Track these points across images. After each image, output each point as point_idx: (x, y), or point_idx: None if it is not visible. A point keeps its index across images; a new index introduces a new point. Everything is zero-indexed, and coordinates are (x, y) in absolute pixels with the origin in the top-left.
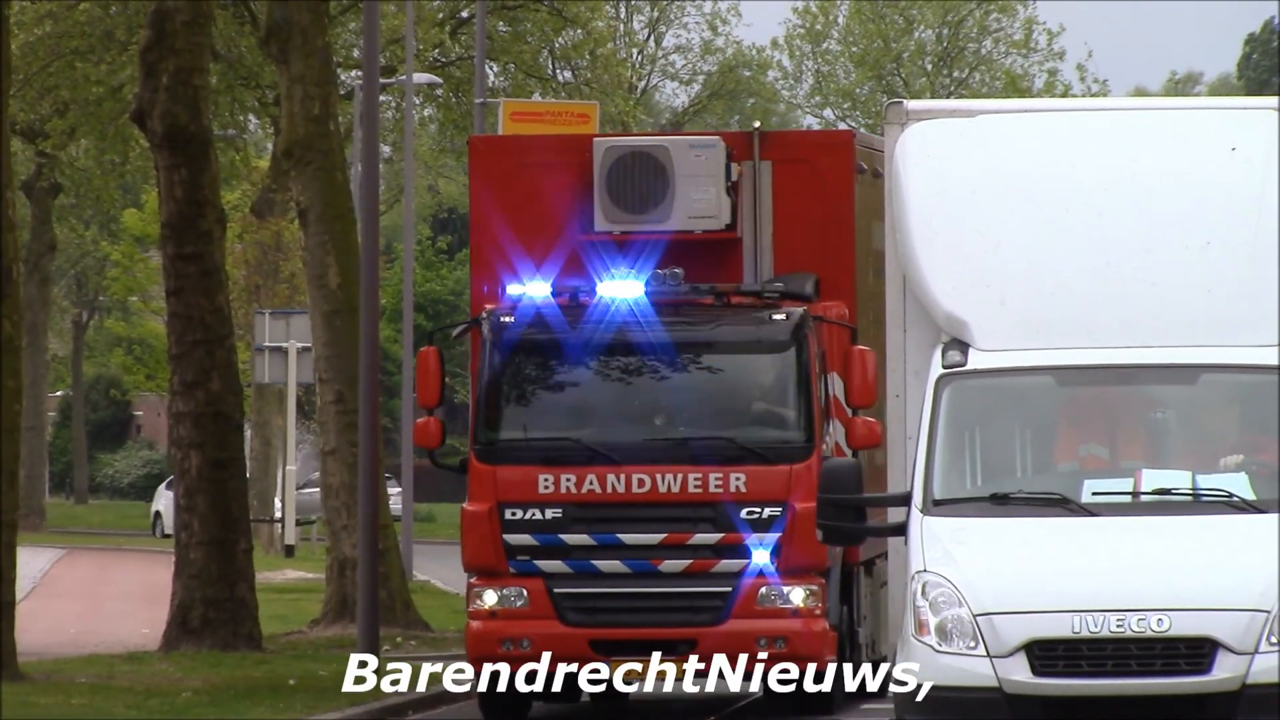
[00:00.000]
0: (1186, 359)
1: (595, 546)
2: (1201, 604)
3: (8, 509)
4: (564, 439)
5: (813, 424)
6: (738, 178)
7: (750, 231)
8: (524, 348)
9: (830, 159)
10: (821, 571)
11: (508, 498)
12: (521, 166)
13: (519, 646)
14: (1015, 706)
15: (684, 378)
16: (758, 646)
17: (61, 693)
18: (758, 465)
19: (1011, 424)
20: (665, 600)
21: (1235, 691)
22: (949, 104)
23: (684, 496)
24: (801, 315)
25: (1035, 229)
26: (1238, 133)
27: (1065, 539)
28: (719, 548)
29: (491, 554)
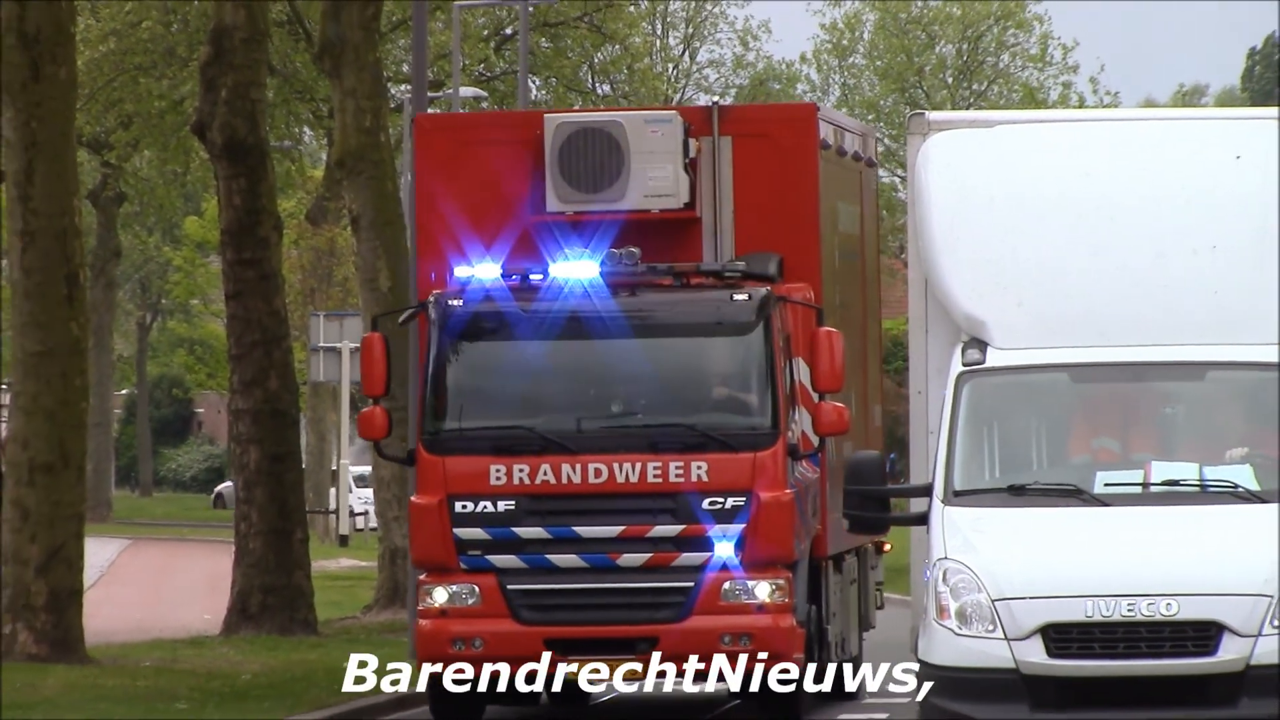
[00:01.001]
0: (1194, 357)
1: (550, 540)
2: (1208, 590)
3: (76, 501)
4: (516, 427)
5: (777, 410)
6: (696, 154)
7: (710, 210)
8: (473, 332)
9: (792, 134)
10: (788, 565)
11: (458, 490)
12: (469, 145)
13: (471, 646)
14: (1031, 687)
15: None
16: (722, 644)
17: (128, 675)
18: (720, 453)
19: (1028, 419)
20: (624, 596)
21: (1240, 672)
22: (969, 115)
23: (643, 487)
24: (764, 296)
25: (1051, 234)
26: (1242, 142)
27: (1079, 528)
28: (680, 540)
29: (441, 549)
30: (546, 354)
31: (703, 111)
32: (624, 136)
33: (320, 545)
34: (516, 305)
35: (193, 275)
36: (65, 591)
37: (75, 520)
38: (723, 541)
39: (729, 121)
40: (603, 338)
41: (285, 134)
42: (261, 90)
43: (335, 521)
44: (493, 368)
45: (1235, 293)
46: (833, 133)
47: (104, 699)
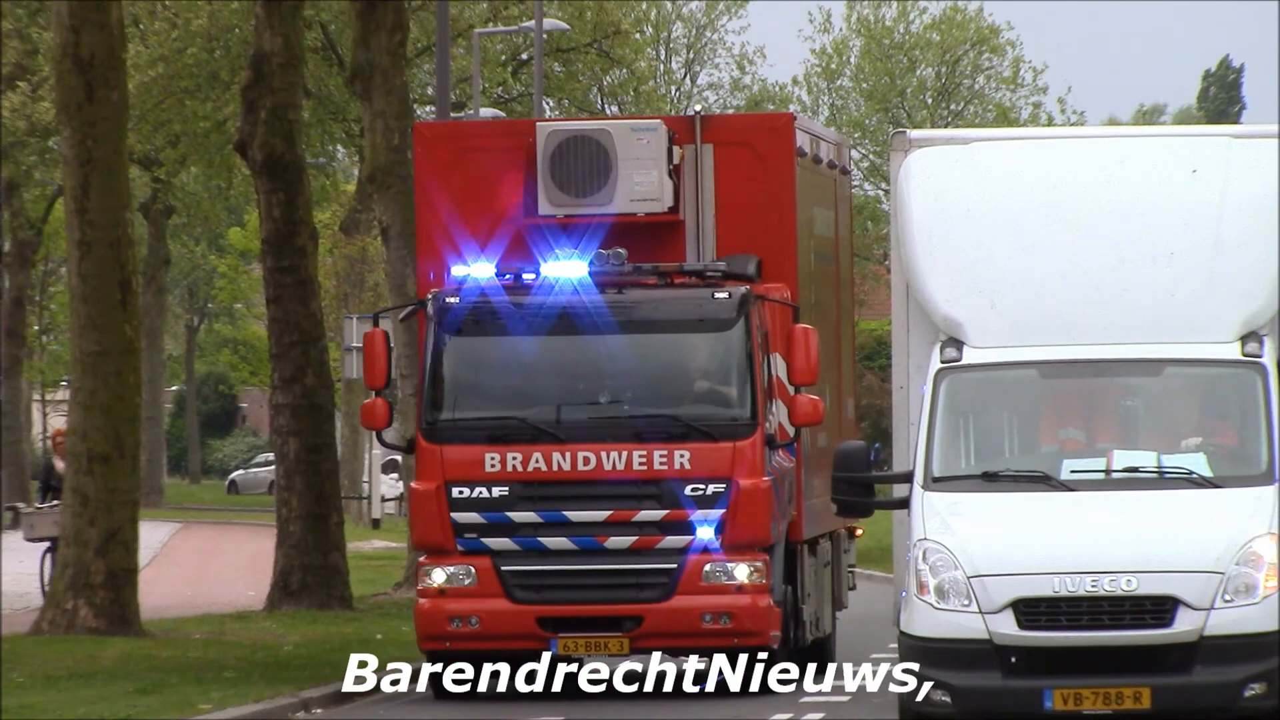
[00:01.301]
0: (1152, 354)
1: (542, 524)
2: (1165, 567)
3: (131, 488)
4: (509, 418)
5: (756, 402)
6: (680, 161)
7: (693, 213)
8: (469, 328)
9: (771, 142)
10: (766, 548)
11: (455, 476)
12: (466, 151)
13: (468, 624)
14: (1003, 656)
15: (628, 357)
16: (703, 623)
17: (179, 647)
18: (701, 443)
19: (1000, 411)
20: (611, 577)
21: (1194, 643)
22: (946, 133)
23: (628, 474)
24: (744, 295)
25: (1022, 242)
26: (1197, 157)
27: (1047, 511)
28: (664, 524)
29: (439, 533)
30: (538, 349)
31: (686, 120)
32: (612, 144)
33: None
34: (510, 303)
35: (236, 281)
36: (121, 570)
37: (130, 505)
38: (704, 526)
39: (711, 130)
40: (591, 333)
41: (320, 151)
42: (298, 111)
43: (368, 506)
44: (487, 361)
45: (1190, 296)
46: (809, 142)
47: (157, 669)
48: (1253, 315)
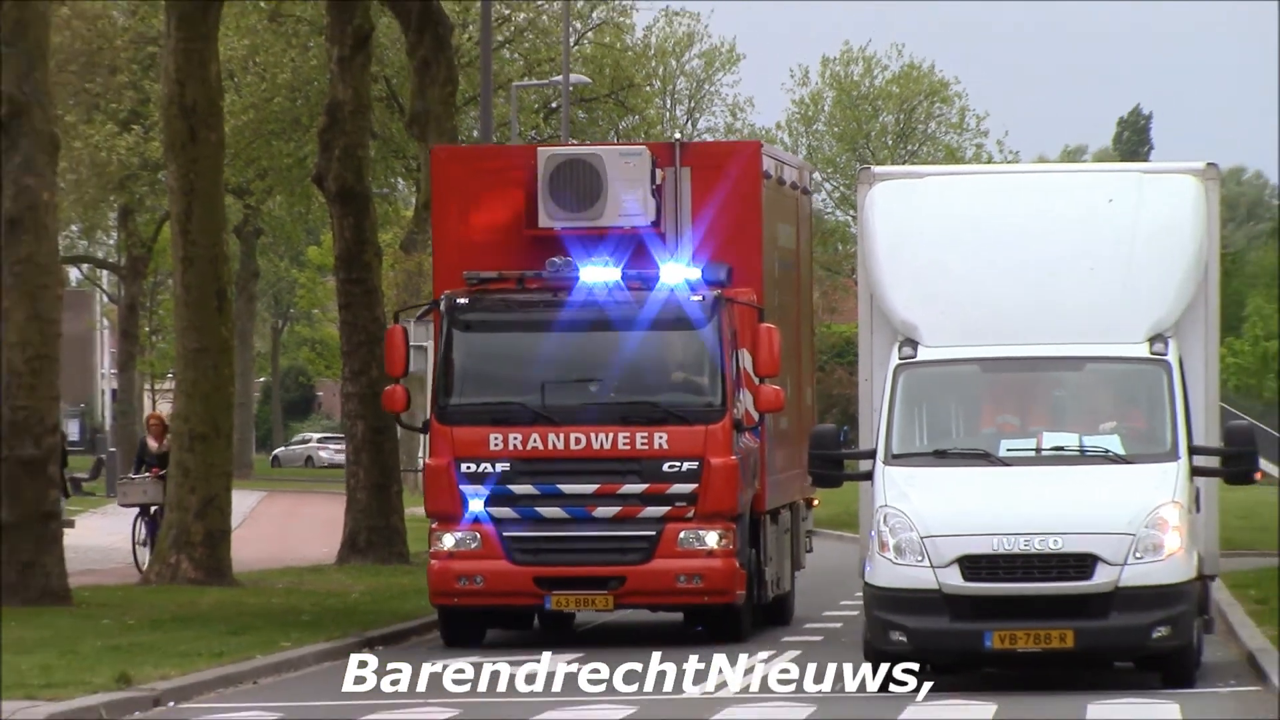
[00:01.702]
0: (1077, 353)
1: (538, 495)
2: (1086, 529)
3: (225, 463)
4: (511, 403)
5: (725, 391)
6: (661, 181)
7: (672, 227)
8: (476, 325)
9: (740, 166)
10: (733, 518)
11: (463, 454)
12: (477, 172)
13: (473, 582)
14: (950, 603)
15: (614, 350)
16: (678, 583)
17: (264, 595)
18: (678, 426)
19: (948, 400)
20: (599, 542)
21: (1110, 592)
22: (904, 169)
23: (614, 452)
24: (716, 298)
25: (967, 259)
26: (1114, 189)
27: (987, 483)
28: (645, 496)
29: (449, 502)
30: (536, 343)
31: (668, 147)
32: (603, 166)
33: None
34: (511, 304)
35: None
36: (217, 531)
37: (224, 477)
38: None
39: (688, 155)
40: (582, 330)
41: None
42: (366, 150)
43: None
44: (492, 353)
45: (1108, 304)
46: (774, 166)
47: (246, 613)
48: (1159, 320)
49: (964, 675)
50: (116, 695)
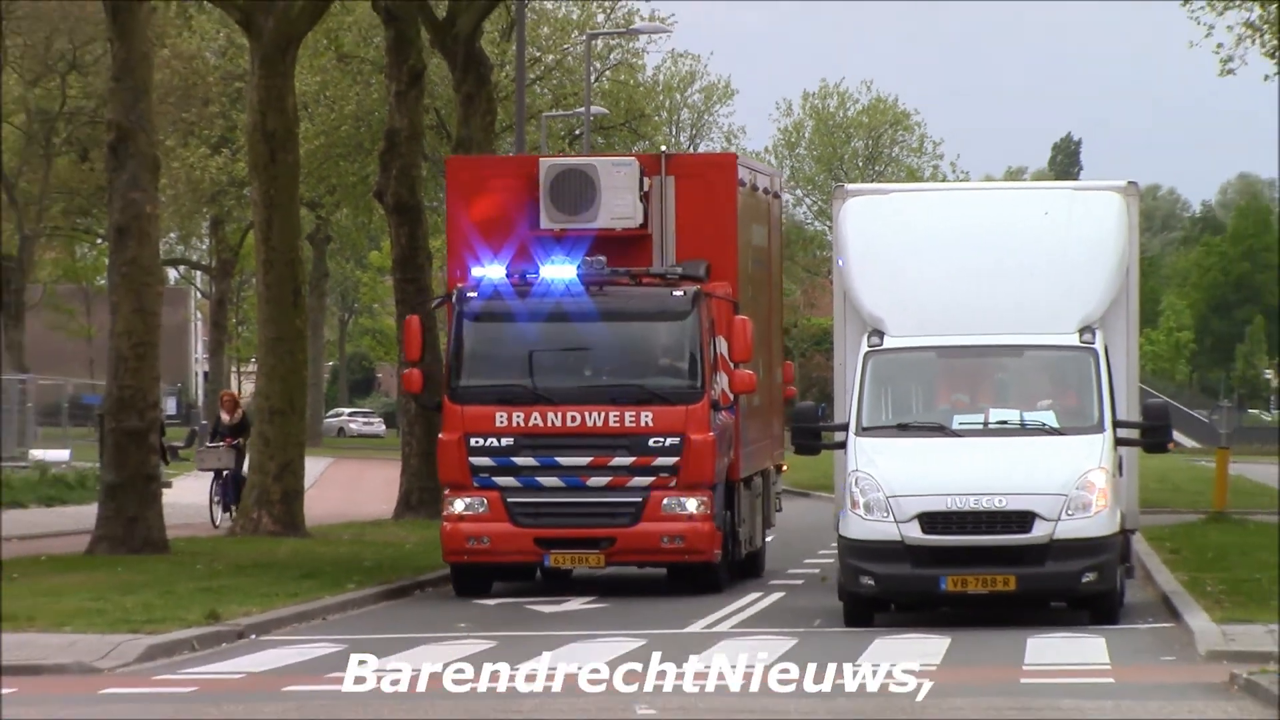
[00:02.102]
0: (1018, 341)
1: (538, 467)
2: (1026, 490)
3: (299, 433)
4: (515, 385)
5: (703, 375)
6: (649, 188)
7: (658, 229)
8: (484, 316)
9: (719, 175)
10: (710, 486)
11: (472, 430)
12: (485, 179)
13: (480, 542)
14: (911, 553)
15: (606, 339)
16: (661, 543)
17: (332, 544)
18: (662, 406)
19: (909, 381)
20: (592, 508)
21: (1046, 544)
22: (872, 186)
23: (605, 429)
24: (696, 292)
25: (925, 262)
26: (1049, 204)
27: (942, 451)
28: (632, 468)
29: (460, 472)
30: (537, 332)
31: (654, 158)
32: (596, 175)
33: None
34: (516, 296)
35: (374, 289)
36: (292, 491)
37: (298, 446)
38: (664, 471)
39: (673, 165)
40: (578, 321)
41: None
42: (419, 170)
43: None
44: (498, 341)
45: (1044, 301)
46: (748, 174)
47: (316, 560)
48: (1088, 314)
49: (922, 614)
50: (206, 629)
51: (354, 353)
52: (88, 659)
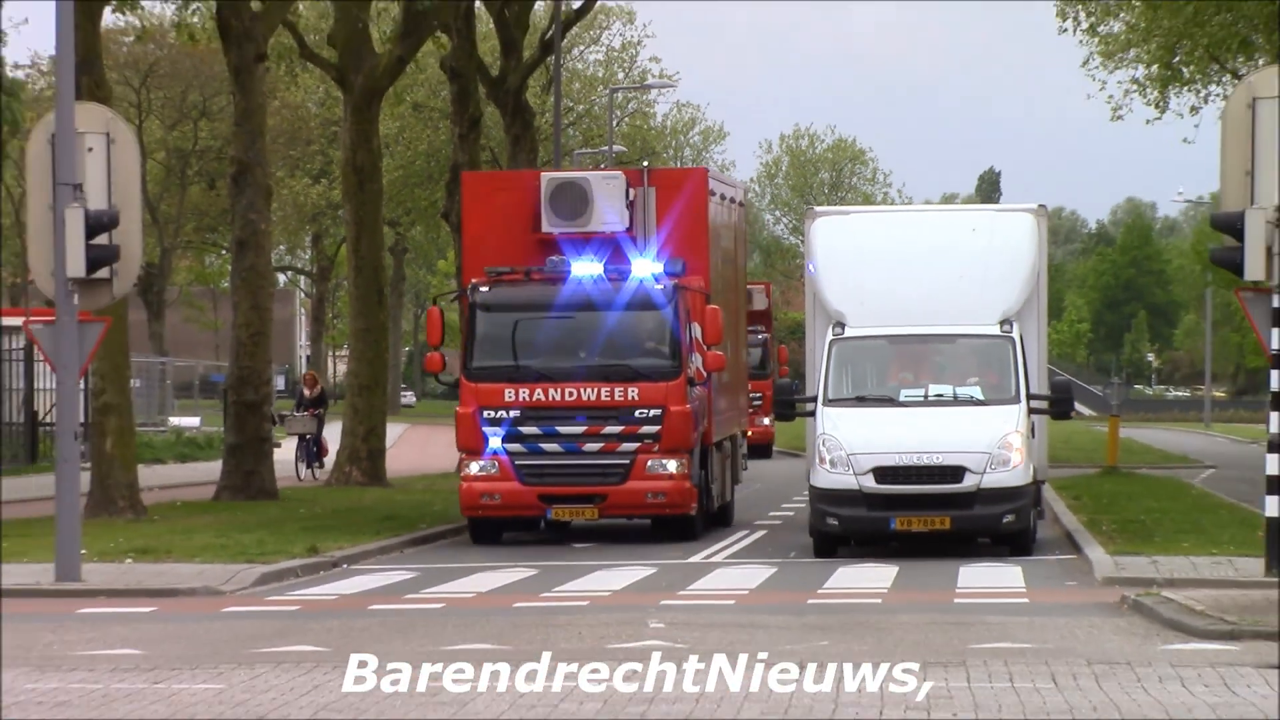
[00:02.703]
0: (952, 332)
1: (541, 434)
2: (957, 449)
3: (382, 404)
4: (520, 365)
5: (681, 356)
6: (634, 197)
7: (641, 232)
8: (494, 306)
9: (692, 186)
10: (687, 450)
11: (485, 403)
12: (495, 190)
13: (492, 499)
14: (867, 499)
15: (598, 325)
16: (646, 499)
17: (408, 493)
18: (645, 382)
19: (866, 363)
20: (586, 469)
21: (974, 492)
22: (836, 209)
23: (598, 403)
24: (674, 285)
25: (877, 269)
26: (975, 222)
27: (891, 418)
28: (621, 435)
29: (475, 439)
30: (539, 320)
31: (638, 172)
32: (590, 186)
33: None
34: (521, 290)
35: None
36: (376, 450)
37: (381, 414)
38: (648, 437)
39: (654, 178)
40: (575, 310)
41: None
42: None
43: None
44: (506, 328)
45: (973, 300)
46: (717, 185)
47: (396, 506)
48: (1006, 310)
49: (876, 547)
50: (308, 560)
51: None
52: (213, 584)
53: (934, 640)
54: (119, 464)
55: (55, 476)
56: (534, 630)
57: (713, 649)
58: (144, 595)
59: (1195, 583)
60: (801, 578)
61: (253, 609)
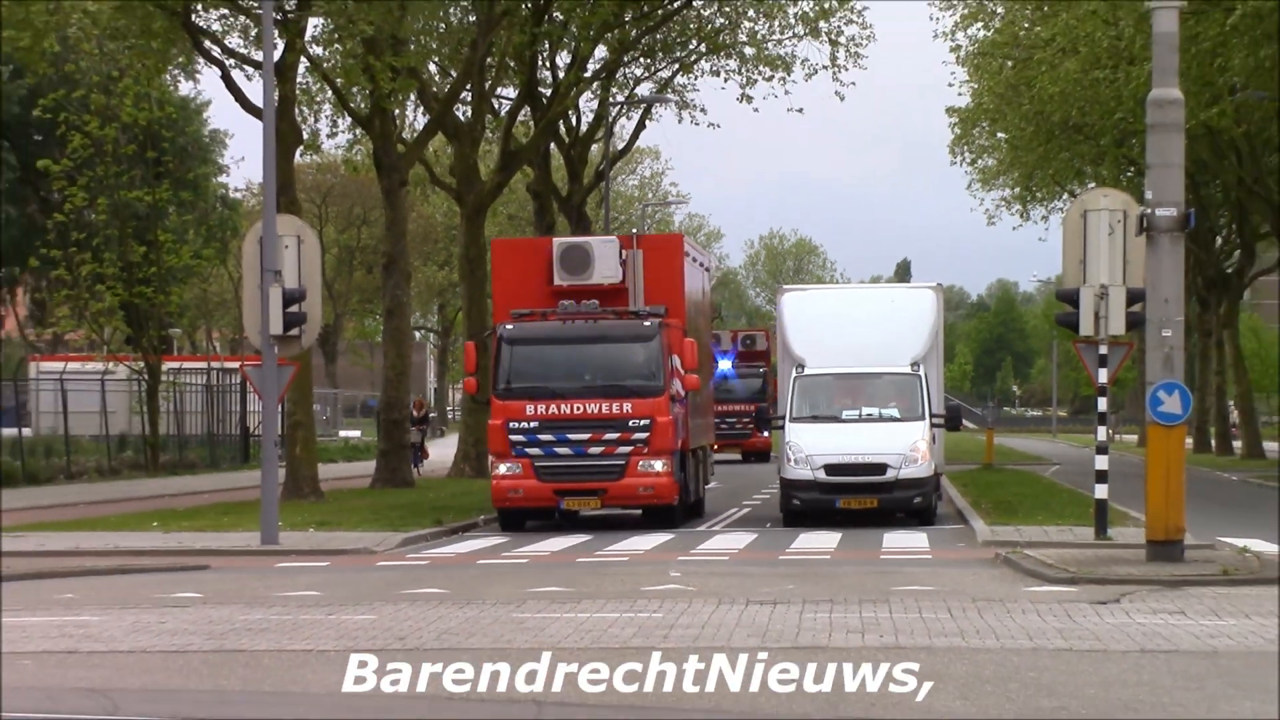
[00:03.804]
0: (878, 370)
1: (555, 441)
2: (882, 451)
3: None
4: (539, 386)
5: (665, 378)
6: (626, 257)
7: (632, 284)
8: (518, 341)
9: (671, 249)
10: (671, 453)
11: (511, 417)
12: (518, 252)
13: (516, 493)
14: (819, 486)
15: (600, 355)
16: (639, 492)
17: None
18: (637, 399)
19: (819, 392)
20: (591, 469)
21: (894, 481)
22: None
23: (600, 416)
24: (659, 323)
25: (826, 327)
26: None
27: (837, 430)
28: (618, 441)
29: (503, 445)
30: (554, 351)
31: (629, 237)
32: (591, 248)
33: None
34: (539, 327)
35: None
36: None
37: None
38: (639, 443)
39: (641, 242)
40: (580, 343)
41: None
42: None
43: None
44: (527, 358)
45: (892, 349)
46: (691, 249)
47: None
48: (915, 356)
49: (825, 520)
50: (434, 529)
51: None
52: (369, 546)
53: (866, 584)
54: (305, 463)
55: (260, 472)
56: (590, 576)
57: (714, 591)
58: (321, 554)
59: (1046, 544)
60: (774, 541)
61: (396, 563)
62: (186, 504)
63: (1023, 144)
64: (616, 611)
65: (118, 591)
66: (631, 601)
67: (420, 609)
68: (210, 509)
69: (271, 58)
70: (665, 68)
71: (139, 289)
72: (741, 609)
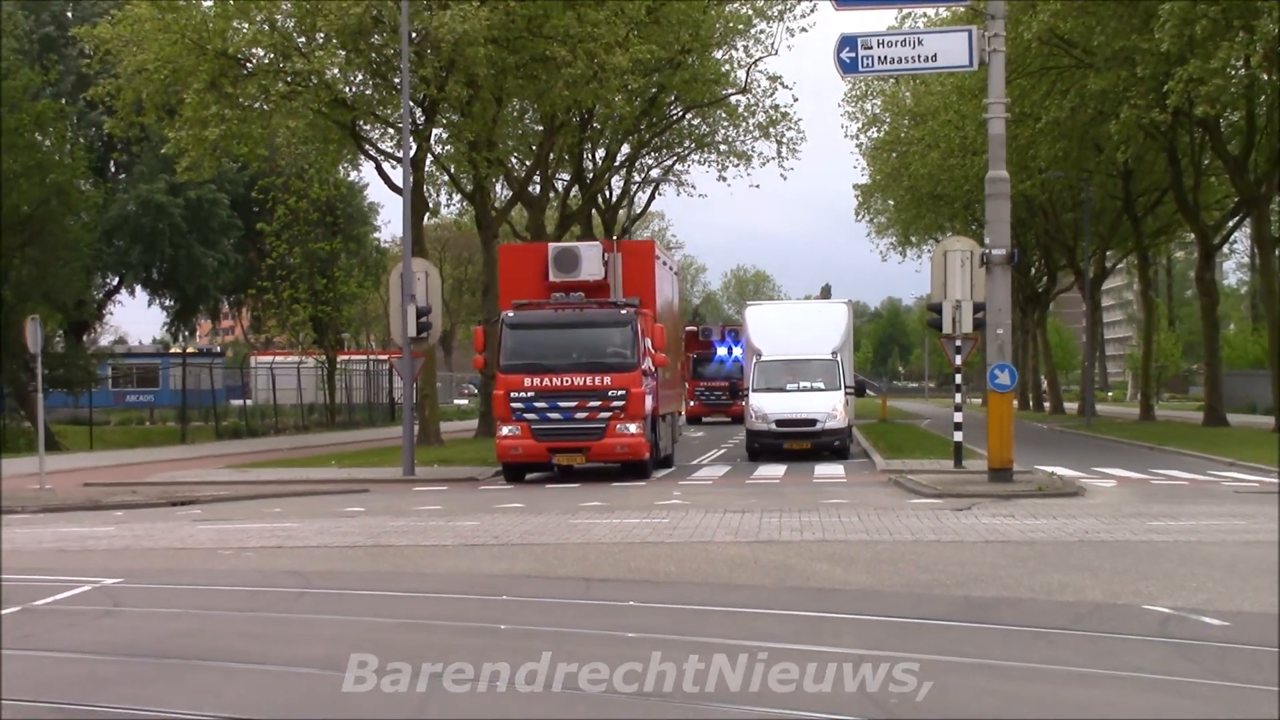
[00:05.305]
0: (809, 356)
1: (548, 408)
2: (813, 410)
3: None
4: (535, 363)
5: (639, 355)
6: (607, 259)
7: (612, 280)
8: (519, 326)
9: (645, 253)
10: (643, 418)
11: (512, 388)
12: (520, 254)
13: (517, 451)
14: (773, 435)
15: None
16: (616, 450)
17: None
18: (615, 373)
19: (771, 372)
20: (577, 430)
21: (821, 430)
22: (757, 303)
23: (585, 387)
24: (635, 311)
25: (776, 328)
26: (820, 308)
27: (783, 397)
28: (599, 408)
29: (505, 411)
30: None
31: (609, 242)
32: (579, 252)
33: None
34: (536, 314)
35: None
36: None
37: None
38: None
39: (620, 247)
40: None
41: None
42: None
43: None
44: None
45: (819, 343)
46: (662, 254)
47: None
48: (834, 347)
49: (776, 456)
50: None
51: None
52: (474, 476)
53: (803, 498)
54: (430, 421)
55: (402, 427)
56: (619, 494)
57: (703, 505)
58: (442, 481)
59: (922, 472)
60: (742, 472)
61: (491, 488)
62: (353, 449)
63: (904, 208)
64: (637, 519)
65: (308, 506)
66: (648, 512)
67: (509, 517)
68: (369, 452)
69: (409, 155)
70: (669, 159)
71: (322, 308)
72: (720, 516)
